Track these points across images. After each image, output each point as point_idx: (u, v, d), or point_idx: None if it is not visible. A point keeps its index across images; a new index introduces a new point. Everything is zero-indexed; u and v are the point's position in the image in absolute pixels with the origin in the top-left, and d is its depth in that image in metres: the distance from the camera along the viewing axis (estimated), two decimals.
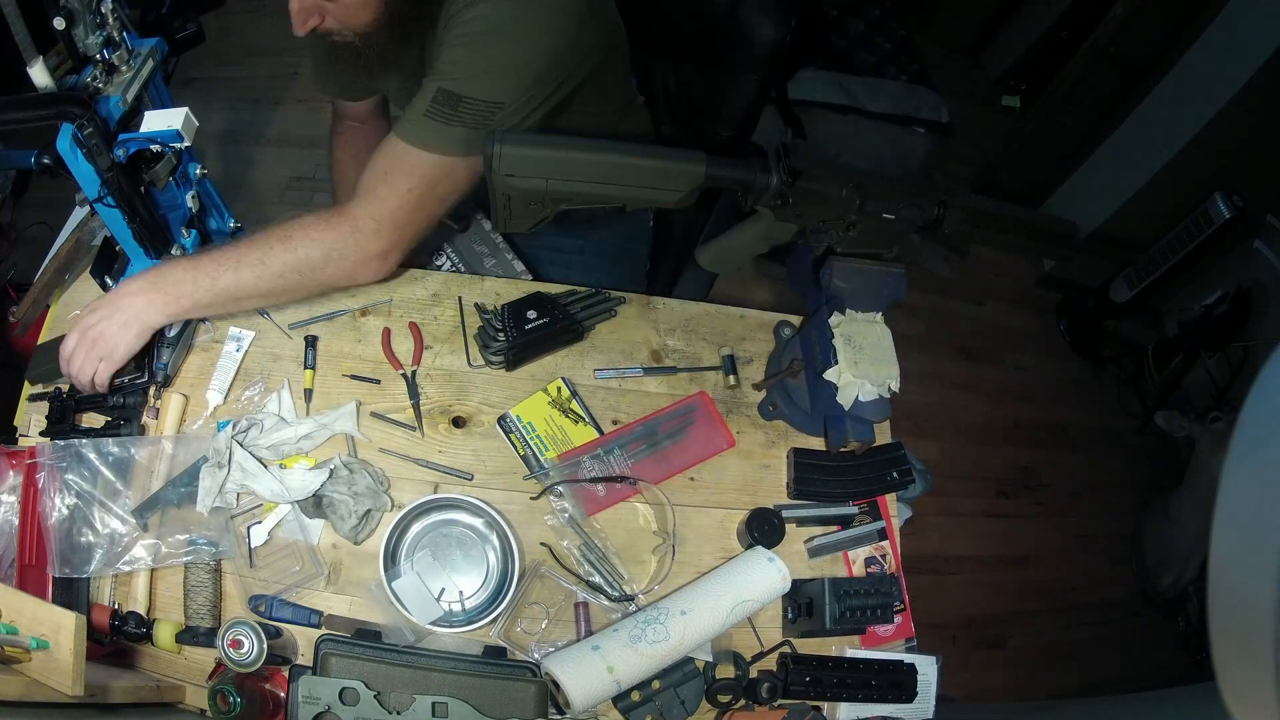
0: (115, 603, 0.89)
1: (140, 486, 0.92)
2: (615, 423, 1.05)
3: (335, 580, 0.93)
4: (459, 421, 1.03)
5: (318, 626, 0.90)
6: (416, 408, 1.02)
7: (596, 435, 1.04)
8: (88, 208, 0.97)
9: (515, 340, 1.03)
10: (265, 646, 0.78)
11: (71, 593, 0.86)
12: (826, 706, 0.95)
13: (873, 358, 0.94)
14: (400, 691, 0.77)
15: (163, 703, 0.84)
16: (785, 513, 1.02)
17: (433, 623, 0.88)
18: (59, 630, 0.67)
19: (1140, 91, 2.22)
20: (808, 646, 0.96)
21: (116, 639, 0.87)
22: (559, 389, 1.05)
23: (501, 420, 1.03)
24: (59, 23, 0.88)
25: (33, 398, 0.98)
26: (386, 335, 1.06)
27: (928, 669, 0.95)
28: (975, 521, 2.23)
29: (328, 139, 1.26)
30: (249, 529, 0.93)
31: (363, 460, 0.98)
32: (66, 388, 0.96)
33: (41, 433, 0.93)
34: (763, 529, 0.98)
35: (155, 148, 0.93)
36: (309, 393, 1.02)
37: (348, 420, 0.99)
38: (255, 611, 0.89)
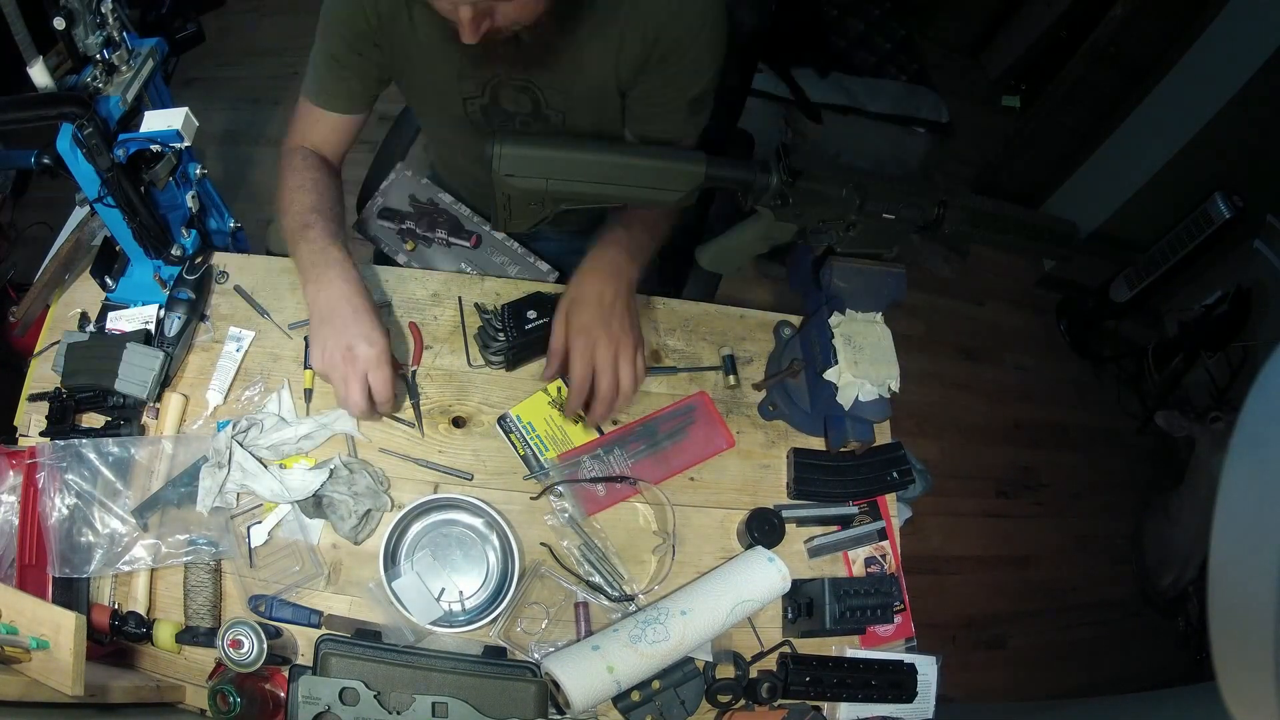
0: (115, 603, 0.89)
1: (140, 486, 0.92)
2: (615, 423, 1.05)
3: (335, 580, 0.93)
4: (459, 421, 1.03)
5: (318, 626, 0.90)
6: (416, 408, 1.02)
7: (596, 435, 1.04)
8: (88, 208, 0.97)
9: (515, 340, 1.03)
10: (265, 646, 0.78)
11: (71, 593, 0.86)
12: (826, 706, 0.95)
13: (873, 358, 0.94)
14: (400, 691, 0.77)
15: (163, 703, 0.84)
16: (785, 513, 1.02)
17: (433, 623, 0.88)
18: (59, 630, 0.67)
19: (1140, 91, 2.23)
20: (808, 646, 0.96)
21: (116, 639, 0.87)
22: (559, 389, 1.05)
23: (502, 420, 1.03)
24: (59, 23, 0.88)
25: (33, 398, 0.97)
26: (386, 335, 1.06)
27: (928, 669, 0.95)
28: (975, 521, 2.23)
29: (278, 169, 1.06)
30: (249, 529, 0.93)
31: (363, 460, 0.98)
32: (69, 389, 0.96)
33: (41, 433, 0.93)
34: (763, 529, 0.98)
35: (155, 148, 0.94)
36: (309, 393, 1.02)
37: (348, 420, 0.99)
38: (255, 611, 0.89)
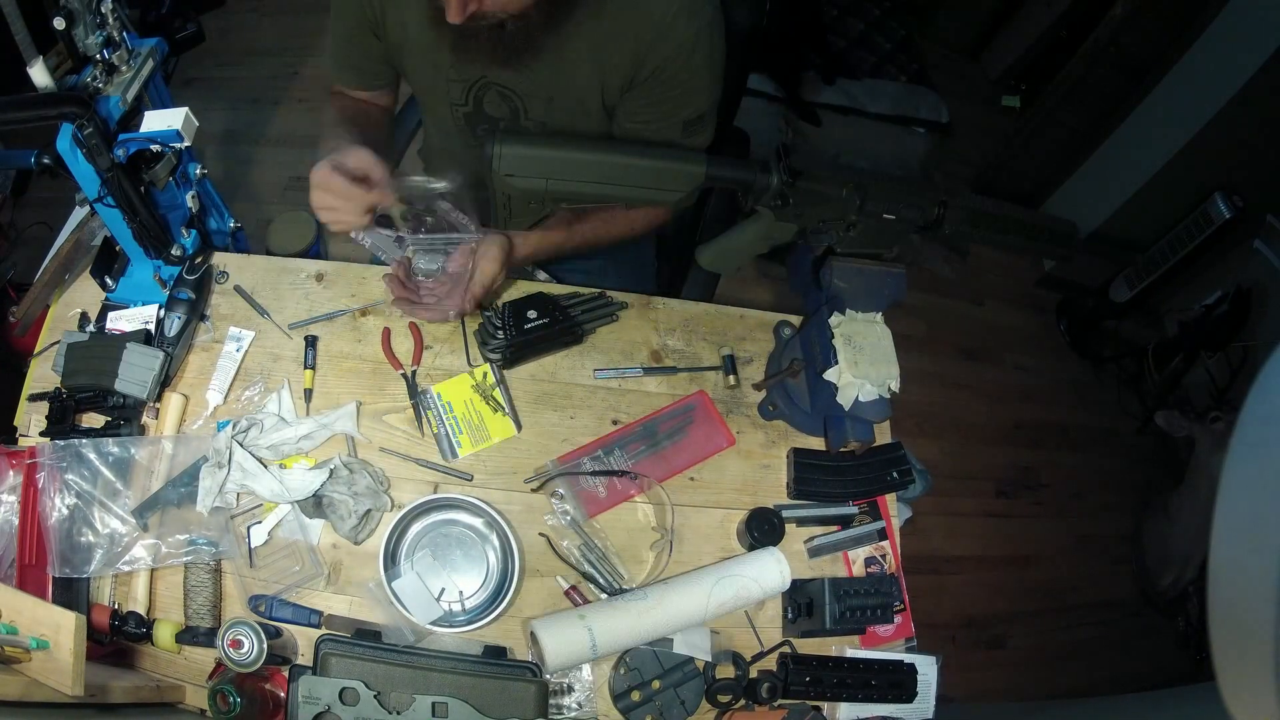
0: (115, 603, 0.89)
1: (140, 486, 0.92)
2: (615, 423, 1.05)
3: (335, 580, 0.93)
4: None
5: (318, 626, 0.90)
6: (416, 408, 1.02)
7: (515, 431, 1.02)
8: (88, 208, 0.97)
9: (514, 339, 1.03)
10: (265, 646, 0.78)
11: (71, 593, 0.86)
12: (826, 706, 0.95)
13: (873, 358, 0.94)
14: (400, 691, 0.77)
15: (163, 703, 0.84)
16: (785, 513, 1.02)
17: (433, 623, 0.88)
18: (59, 630, 0.67)
19: (1140, 91, 2.22)
20: (808, 646, 0.96)
21: (116, 639, 0.87)
22: (485, 374, 1.03)
23: (422, 394, 1.02)
24: (59, 23, 0.88)
25: (33, 398, 0.97)
26: (386, 335, 1.06)
27: (928, 669, 0.95)
28: (975, 521, 2.23)
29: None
30: (249, 529, 0.93)
31: (363, 460, 0.98)
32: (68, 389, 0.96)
33: (41, 433, 0.93)
34: (763, 529, 0.98)
35: (155, 148, 0.94)
36: (309, 393, 1.02)
37: (348, 420, 0.99)
38: (255, 611, 0.89)
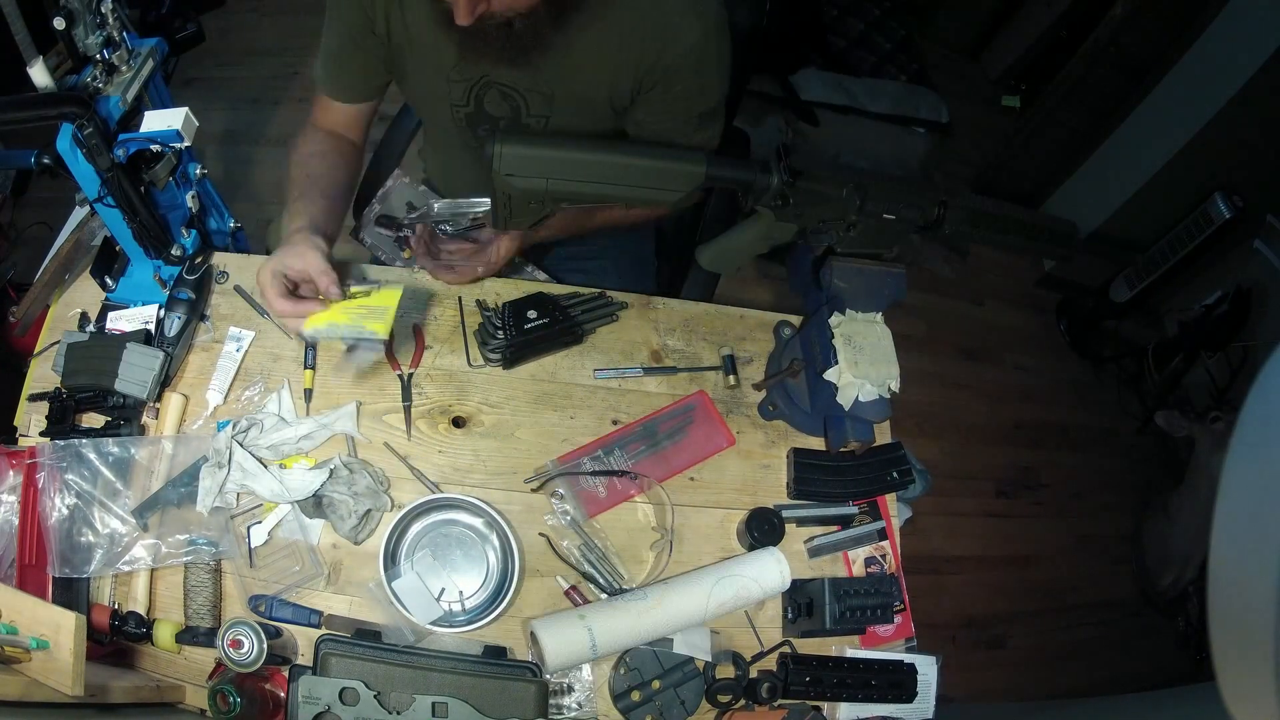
0: (115, 603, 0.89)
1: (140, 486, 0.91)
2: (615, 423, 1.05)
3: (335, 580, 0.93)
4: (459, 421, 1.03)
5: (318, 626, 0.90)
6: (407, 411, 1.02)
7: (399, 291, 0.93)
8: (88, 208, 0.97)
9: (514, 339, 1.03)
10: (265, 646, 0.78)
11: (71, 593, 0.86)
12: (826, 706, 0.95)
13: (873, 358, 0.94)
14: (400, 691, 0.77)
15: (163, 703, 0.84)
16: (785, 513, 1.02)
17: (433, 623, 0.88)
18: (59, 630, 0.67)
19: (1140, 91, 2.23)
20: (808, 646, 0.96)
21: (116, 639, 0.87)
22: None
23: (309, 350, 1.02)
24: (59, 23, 0.88)
25: (33, 398, 0.97)
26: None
27: (928, 669, 0.95)
28: (975, 521, 2.23)
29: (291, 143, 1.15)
30: (249, 529, 0.93)
31: (363, 460, 0.98)
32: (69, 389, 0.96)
33: (41, 433, 0.93)
34: (763, 529, 0.98)
35: (155, 148, 0.94)
36: (309, 393, 1.02)
37: (348, 420, 0.99)
38: (255, 611, 0.89)
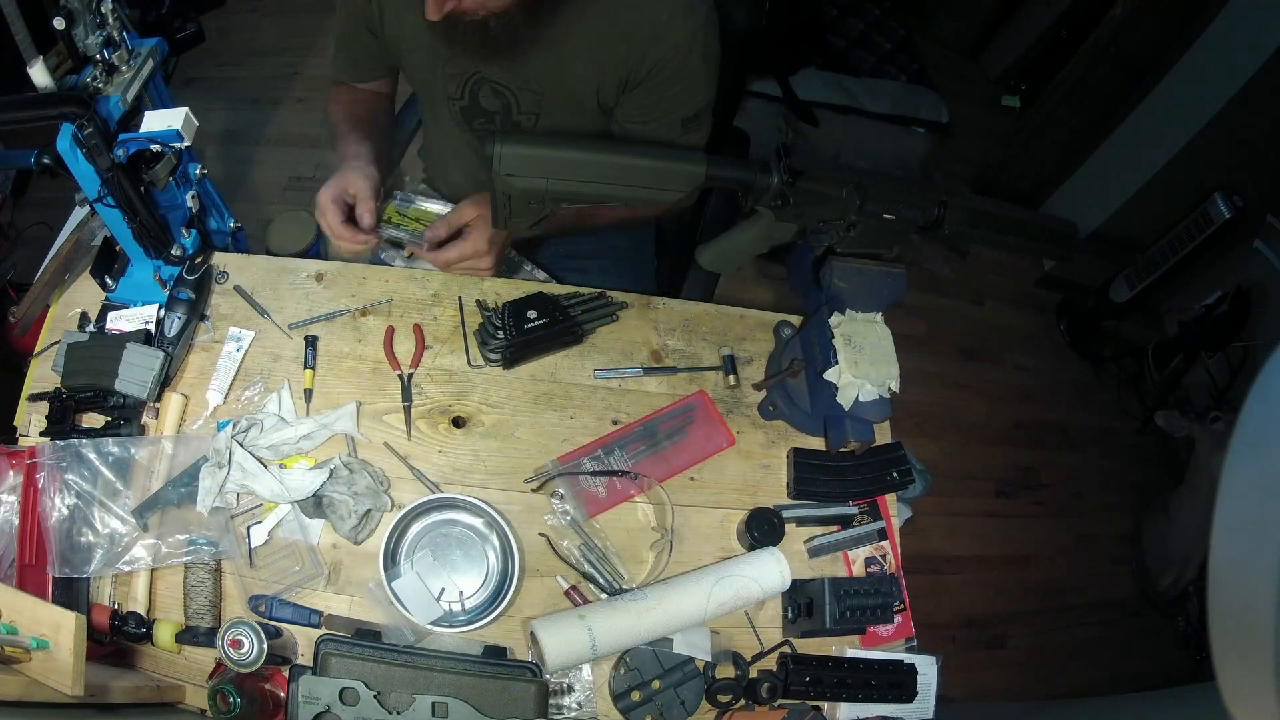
0: (115, 603, 0.89)
1: (140, 486, 0.91)
2: (615, 423, 1.05)
3: (335, 580, 0.93)
4: (459, 421, 1.03)
5: (318, 626, 0.90)
6: (407, 411, 1.02)
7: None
8: (88, 208, 0.97)
9: (514, 339, 1.03)
10: (265, 646, 0.78)
11: (71, 593, 0.86)
12: (826, 706, 0.95)
13: (873, 358, 0.94)
14: (400, 691, 0.77)
15: (163, 703, 0.84)
16: (785, 513, 1.02)
17: (433, 623, 0.88)
18: (59, 630, 0.67)
19: (1140, 91, 2.22)
20: (808, 646, 0.96)
21: (116, 639, 0.87)
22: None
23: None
24: (59, 23, 0.88)
25: (33, 398, 0.97)
26: (389, 335, 1.06)
27: (928, 669, 0.95)
28: (975, 521, 2.23)
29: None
30: (249, 529, 0.93)
31: (363, 460, 0.98)
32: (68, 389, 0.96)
33: (41, 433, 0.93)
34: (763, 529, 0.98)
35: (155, 148, 0.94)
36: (309, 393, 1.02)
37: (348, 420, 0.99)
38: (255, 611, 0.89)
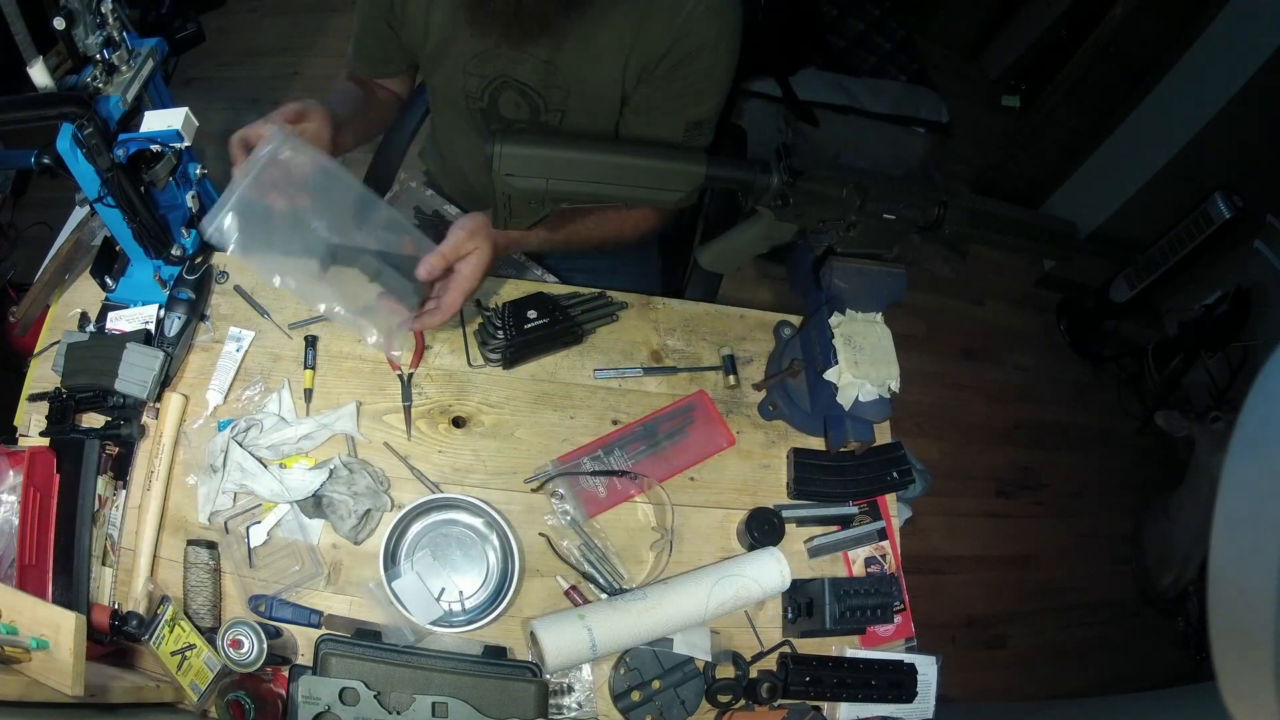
0: (115, 603, 0.89)
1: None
2: (615, 423, 1.05)
3: (335, 580, 0.93)
4: (459, 421, 1.03)
5: (318, 626, 0.90)
6: (407, 411, 1.02)
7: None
8: (88, 208, 0.97)
9: (514, 339, 1.03)
10: (265, 646, 0.78)
11: (71, 593, 0.86)
12: (826, 706, 0.95)
13: (873, 358, 0.94)
14: (400, 691, 0.77)
15: (163, 703, 0.84)
16: (785, 513, 1.02)
17: (433, 623, 0.88)
18: (59, 630, 0.67)
19: (1140, 91, 2.23)
20: (808, 646, 0.96)
21: (116, 639, 0.87)
22: None
23: None
24: (59, 23, 0.88)
25: (33, 398, 0.97)
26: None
27: (928, 669, 0.95)
28: (975, 521, 2.23)
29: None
30: (249, 529, 0.93)
31: (363, 460, 0.98)
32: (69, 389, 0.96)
33: (41, 433, 0.93)
34: (763, 529, 0.98)
35: (155, 148, 0.94)
36: (309, 393, 1.02)
37: (348, 420, 0.99)
38: (255, 611, 0.89)
